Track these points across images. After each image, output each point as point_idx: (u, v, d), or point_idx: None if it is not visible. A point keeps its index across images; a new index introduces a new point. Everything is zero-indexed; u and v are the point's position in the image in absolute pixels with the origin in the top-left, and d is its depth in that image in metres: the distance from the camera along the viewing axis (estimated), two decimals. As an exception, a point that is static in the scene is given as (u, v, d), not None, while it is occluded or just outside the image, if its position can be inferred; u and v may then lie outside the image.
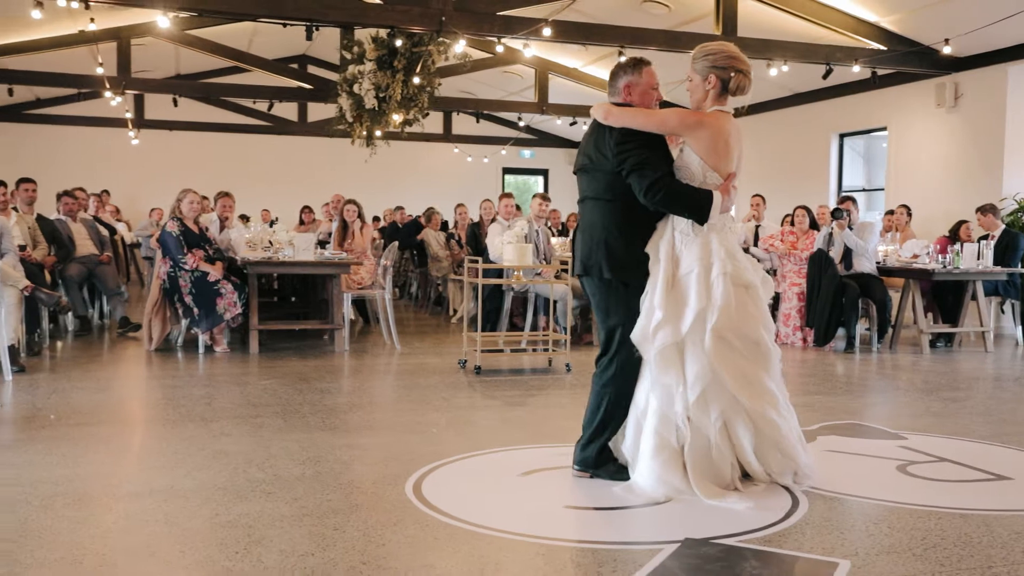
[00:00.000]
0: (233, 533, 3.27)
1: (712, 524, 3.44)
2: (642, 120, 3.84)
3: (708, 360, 3.67)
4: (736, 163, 3.87)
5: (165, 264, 7.95)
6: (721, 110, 3.88)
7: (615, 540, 3.30)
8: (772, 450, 3.80)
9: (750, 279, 3.80)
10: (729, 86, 3.85)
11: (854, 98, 12.69)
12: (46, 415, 5.23)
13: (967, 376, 7.36)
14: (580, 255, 4.05)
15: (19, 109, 17.83)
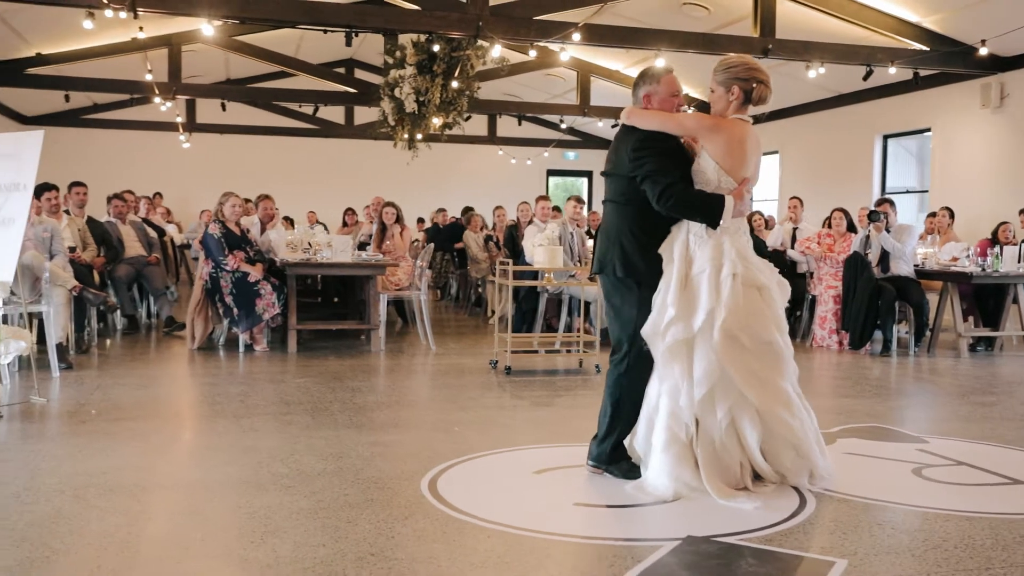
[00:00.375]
0: (252, 524, 3.42)
1: (716, 522, 3.51)
2: (660, 122, 3.96)
3: (717, 359, 3.74)
4: (752, 169, 3.93)
5: (207, 265, 8.20)
6: (741, 118, 3.95)
7: (618, 537, 3.39)
8: (786, 449, 3.86)
9: (763, 281, 3.86)
10: (752, 96, 3.93)
11: (897, 99, 12.54)
12: (88, 410, 5.46)
13: (1002, 380, 7.27)
14: (597, 254, 4.21)
15: (78, 114, 18.38)
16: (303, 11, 9.02)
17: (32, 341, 5.65)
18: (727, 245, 3.83)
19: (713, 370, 3.75)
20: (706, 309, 3.77)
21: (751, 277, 3.83)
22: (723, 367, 3.74)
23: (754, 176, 3.98)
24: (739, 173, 3.88)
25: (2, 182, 5.49)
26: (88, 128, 18.54)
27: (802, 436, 3.86)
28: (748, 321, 3.78)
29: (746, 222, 4.07)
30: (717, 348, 3.74)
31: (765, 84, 3.92)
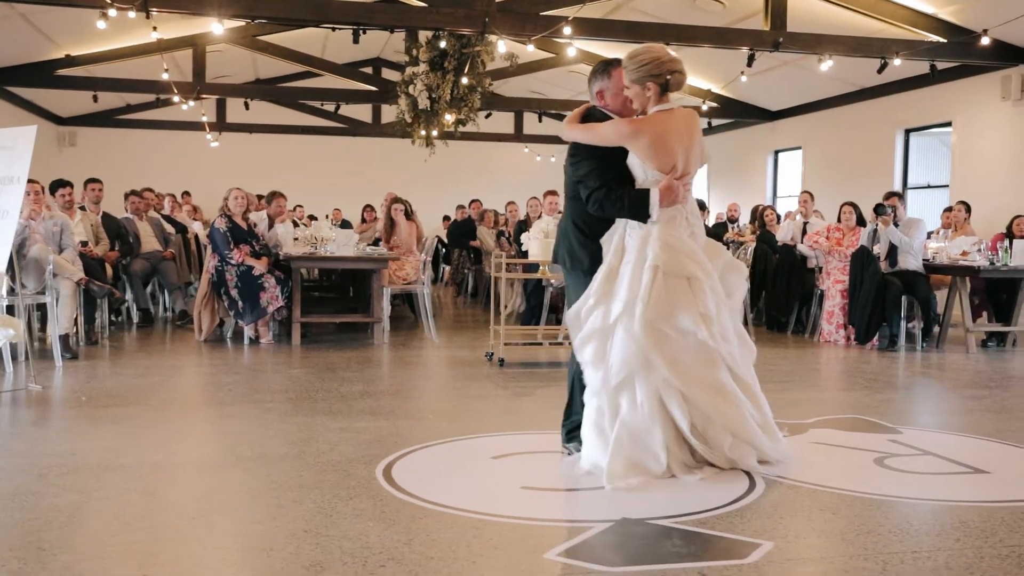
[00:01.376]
0: (198, 503, 3.52)
1: (656, 506, 3.53)
2: (584, 135, 4.07)
3: (639, 348, 3.76)
4: (682, 159, 3.93)
5: (213, 259, 8.36)
6: (663, 109, 3.96)
7: (555, 518, 3.43)
8: (723, 434, 3.86)
9: (692, 271, 3.85)
10: (668, 87, 3.95)
11: (918, 93, 12.36)
12: (79, 397, 5.62)
13: (1002, 375, 7.16)
14: (554, 246, 4.32)
15: (111, 115, 18.80)
16: (311, 9, 9.15)
17: (23, 330, 5.81)
18: (654, 236, 3.85)
19: (631, 359, 3.77)
20: (623, 300, 3.82)
21: (678, 268, 3.83)
22: (646, 355, 3.76)
23: (689, 163, 3.97)
24: (665, 166, 3.90)
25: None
26: (121, 128, 18.96)
27: (739, 422, 3.86)
28: (671, 311, 3.79)
29: (691, 211, 4.03)
30: (639, 337, 3.76)
31: (680, 72, 3.94)
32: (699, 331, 3.79)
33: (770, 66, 13.11)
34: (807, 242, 9.59)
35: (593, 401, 3.95)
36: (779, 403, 5.74)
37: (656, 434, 3.80)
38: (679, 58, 3.96)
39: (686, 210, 3.96)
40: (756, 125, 16.59)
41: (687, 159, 3.95)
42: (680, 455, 3.85)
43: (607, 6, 12.21)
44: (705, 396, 3.79)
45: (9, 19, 11.54)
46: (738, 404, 3.87)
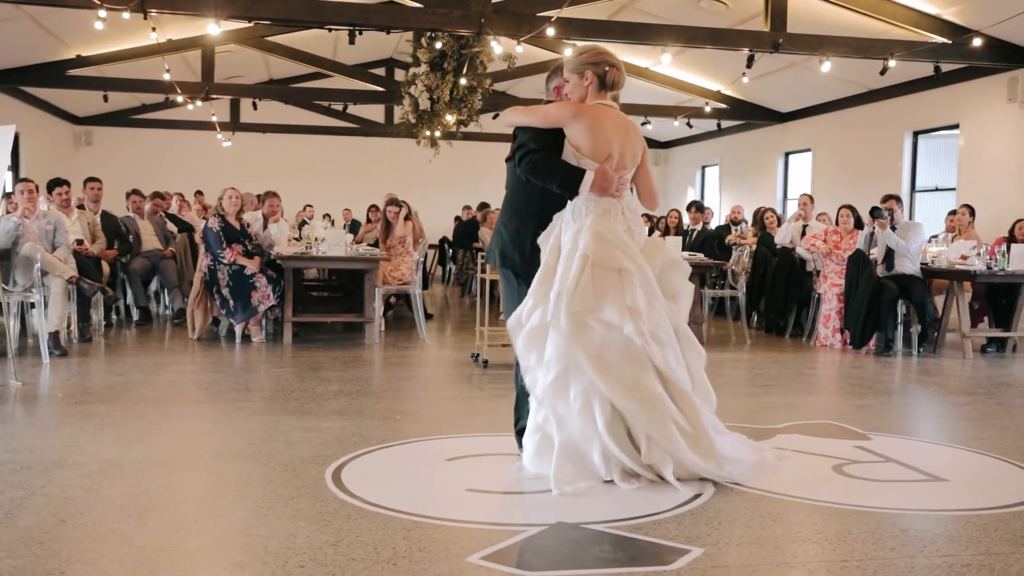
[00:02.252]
0: (139, 501, 3.53)
1: (597, 509, 3.51)
2: (527, 117, 4.05)
3: (567, 343, 3.72)
4: (616, 150, 3.89)
5: (206, 258, 8.42)
6: (602, 103, 3.95)
7: (489, 521, 3.40)
8: (641, 437, 3.78)
9: (622, 263, 3.79)
10: (606, 80, 3.95)
11: (926, 94, 12.21)
12: (55, 394, 5.68)
13: (993, 382, 7.05)
14: (489, 245, 4.40)
15: (126, 114, 19.00)
16: (307, 10, 9.19)
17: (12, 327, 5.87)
18: (587, 227, 3.81)
19: (562, 354, 3.73)
20: (556, 291, 3.78)
21: (608, 259, 3.76)
22: (573, 352, 3.72)
23: (622, 159, 3.93)
24: (600, 155, 3.87)
25: (-21, 174, 5.75)
26: (135, 128, 19.15)
27: (657, 426, 3.74)
28: (597, 302, 3.74)
29: (628, 207, 3.95)
30: (566, 332, 3.72)
31: (617, 67, 3.96)
32: (625, 325, 3.70)
33: (779, 67, 13.02)
34: (804, 244, 9.50)
35: (539, 407, 3.90)
36: (755, 407, 5.73)
37: (592, 438, 3.76)
38: (618, 59, 3.97)
39: (622, 204, 3.90)
40: (766, 127, 16.47)
41: (622, 154, 3.91)
42: (618, 461, 3.80)
43: (611, 7, 12.19)
44: (625, 396, 3.69)
45: (17, 20, 11.67)
46: (659, 408, 3.73)
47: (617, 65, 3.93)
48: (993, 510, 3.64)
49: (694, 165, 19.90)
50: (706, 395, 4.06)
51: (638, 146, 4.01)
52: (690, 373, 3.98)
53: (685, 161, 20.43)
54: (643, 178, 4.11)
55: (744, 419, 5.36)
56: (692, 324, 8.83)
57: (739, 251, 10.09)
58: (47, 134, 17.44)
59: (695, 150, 19.68)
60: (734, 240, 11.14)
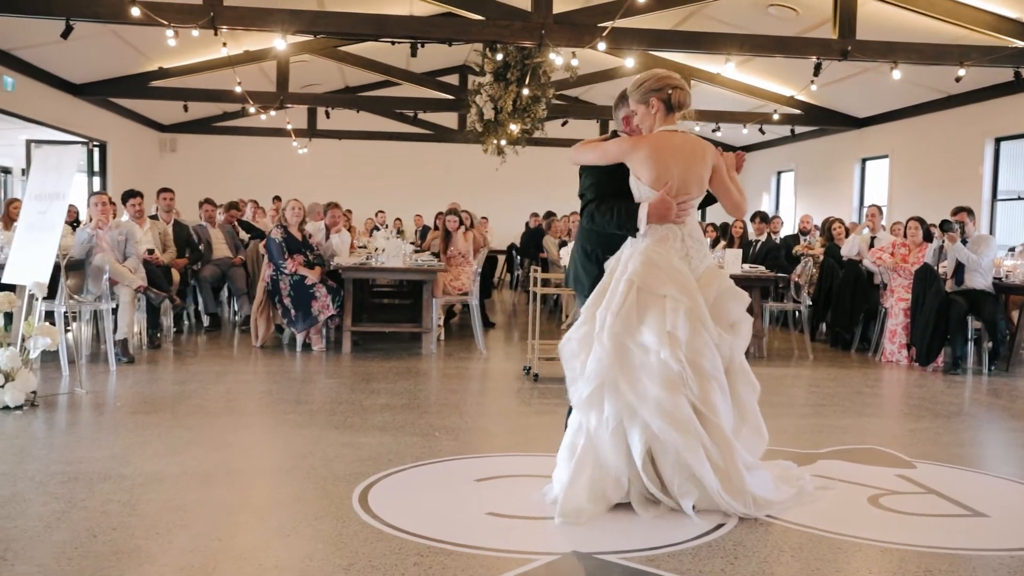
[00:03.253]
0: (170, 517, 3.66)
1: (613, 539, 3.50)
2: (591, 155, 4.11)
3: (608, 360, 3.73)
4: (679, 176, 3.87)
5: (269, 268, 8.64)
6: (666, 130, 3.93)
7: (503, 548, 3.42)
8: (667, 464, 3.76)
9: (667, 289, 3.78)
10: (672, 103, 3.92)
11: (1008, 100, 11.79)
12: (114, 403, 5.92)
13: (1062, 405, 6.77)
14: (566, 268, 4.59)
15: (208, 122, 19.61)
16: (370, 24, 9.36)
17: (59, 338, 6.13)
18: (639, 251, 3.86)
19: (603, 369, 3.74)
20: (602, 312, 3.81)
21: (654, 283, 3.78)
22: (613, 371, 3.73)
23: (688, 184, 3.90)
24: (660, 183, 3.86)
25: (46, 191, 6.03)
26: (217, 135, 19.74)
27: (687, 452, 3.72)
28: (637, 325, 3.76)
29: (689, 234, 3.93)
30: (608, 350, 3.74)
31: (680, 88, 3.95)
32: (661, 350, 3.70)
33: (854, 72, 12.72)
34: (871, 257, 9.26)
35: (575, 417, 3.94)
36: (802, 429, 5.64)
37: (620, 457, 3.75)
38: (680, 78, 3.96)
39: (683, 231, 3.90)
40: (842, 132, 16.09)
41: (685, 180, 3.89)
42: (639, 486, 3.79)
43: (679, 14, 12.09)
44: (660, 418, 3.68)
45: (104, 36, 12.18)
46: (692, 435, 3.70)
47: (680, 86, 3.93)
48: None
49: (769, 171, 19.55)
50: (756, 430, 4.04)
51: (704, 169, 3.96)
52: (742, 406, 3.97)
53: (760, 167, 20.07)
54: (722, 190, 4.09)
55: (788, 442, 5.27)
56: (754, 337, 8.75)
57: (804, 262, 9.88)
58: (134, 142, 18.11)
59: (770, 155, 19.33)
60: (801, 251, 10.92)
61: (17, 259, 6.16)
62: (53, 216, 5.88)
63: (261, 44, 13.83)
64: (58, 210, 5.89)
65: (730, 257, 8.97)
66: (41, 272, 5.88)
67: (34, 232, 6.12)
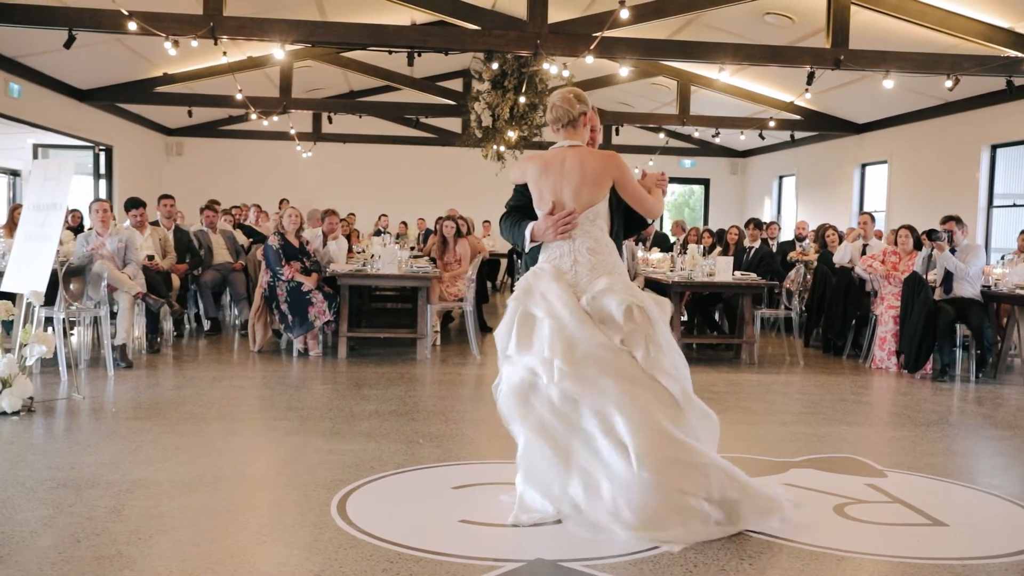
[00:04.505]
0: (152, 523, 3.80)
1: (576, 547, 3.61)
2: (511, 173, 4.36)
3: (507, 388, 4.02)
4: (550, 192, 4.00)
5: (266, 274, 8.79)
6: (559, 146, 4.11)
7: (471, 555, 3.54)
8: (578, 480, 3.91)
9: (533, 312, 3.91)
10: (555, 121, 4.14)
11: (1004, 107, 11.84)
12: (109, 408, 6.07)
13: (1043, 413, 6.86)
14: None
15: (214, 126, 19.78)
16: (367, 34, 9.49)
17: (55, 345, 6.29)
18: (533, 269, 4.06)
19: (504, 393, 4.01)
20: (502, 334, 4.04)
21: (529, 303, 3.94)
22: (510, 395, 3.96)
23: (561, 202, 3.98)
24: (541, 202, 4.06)
25: (44, 201, 6.18)
26: (223, 138, 19.90)
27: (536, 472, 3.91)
28: (517, 346, 3.93)
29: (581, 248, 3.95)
30: (507, 376, 3.99)
31: (554, 105, 4.12)
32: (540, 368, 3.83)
33: (853, 79, 12.78)
34: (862, 265, 9.35)
35: None
36: (781, 437, 5.74)
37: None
38: (566, 96, 4.07)
39: (572, 247, 3.95)
40: (843, 138, 16.17)
41: (559, 195, 3.98)
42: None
43: (676, 23, 12.18)
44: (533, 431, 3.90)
45: (108, 43, 12.34)
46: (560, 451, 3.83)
47: (554, 104, 4.09)
48: (982, 560, 3.62)
49: (771, 175, 19.63)
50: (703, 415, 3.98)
51: (592, 184, 3.96)
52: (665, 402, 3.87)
53: (762, 171, 20.17)
54: (630, 199, 4.10)
55: (766, 450, 5.38)
56: (745, 344, 8.84)
57: (796, 269, 9.98)
58: (140, 146, 18.30)
59: (772, 160, 19.41)
60: (796, 257, 11.02)
61: (16, 268, 6.32)
62: (51, 227, 6.04)
63: (264, 50, 13.97)
64: (56, 220, 6.04)
65: (721, 264, 9.08)
66: (38, 281, 6.03)
67: (32, 242, 6.28)
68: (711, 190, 21.27)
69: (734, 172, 21.17)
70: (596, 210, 3.99)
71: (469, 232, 11.14)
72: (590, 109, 4.13)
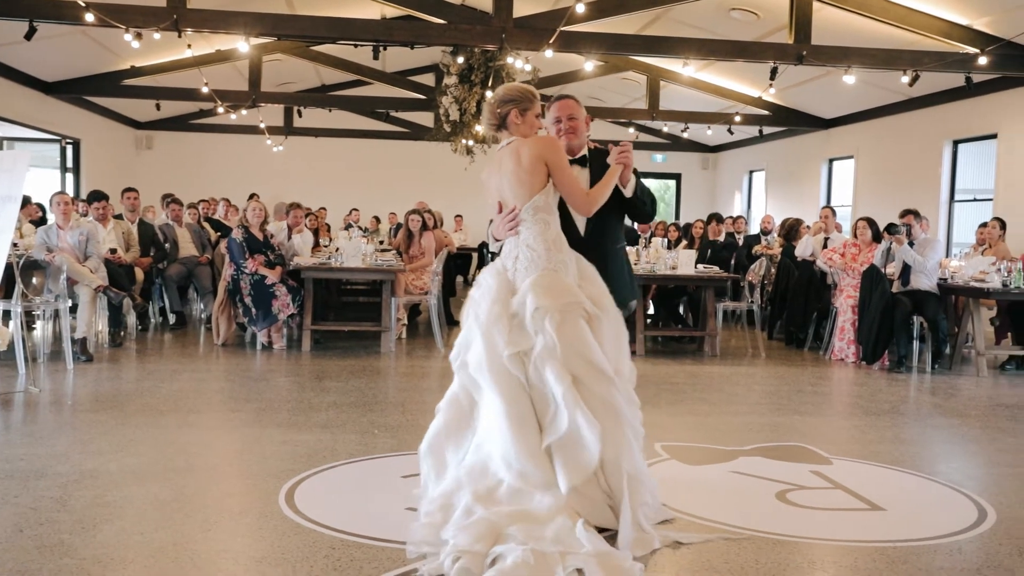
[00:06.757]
0: (97, 512, 3.81)
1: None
2: None
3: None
4: (496, 191, 4.02)
5: (230, 267, 8.78)
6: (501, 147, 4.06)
7: (411, 541, 3.59)
8: None
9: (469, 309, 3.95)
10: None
11: (964, 103, 12.01)
12: (65, 401, 6.06)
13: (992, 403, 6.98)
14: None
15: (185, 119, 19.67)
16: (332, 28, 9.50)
17: (9, 338, 6.28)
18: (484, 269, 4.08)
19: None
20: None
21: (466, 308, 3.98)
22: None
23: (505, 196, 3.98)
24: (493, 205, 4.08)
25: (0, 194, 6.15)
26: (194, 132, 19.81)
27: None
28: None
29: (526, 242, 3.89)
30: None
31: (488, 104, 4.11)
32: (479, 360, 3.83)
33: (820, 74, 12.90)
34: (823, 258, 9.47)
35: None
36: (734, 427, 5.83)
37: None
38: (489, 101, 4.07)
39: (518, 242, 3.92)
40: (810, 133, 16.32)
41: (502, 193, 3.99)
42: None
43: (644, 18, 12.25)
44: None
45: (72, 35, 12.25)
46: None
47: (489, 102, 4.09)
48: (911, 542, 3.71)
49: (741, 170, 19.77)
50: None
51: (514, 177, 3.90)
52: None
53: (733, 166, 20.32)
54: (559, 186, 3.93)
55: (718, 439, 5.46)
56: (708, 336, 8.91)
57: (760, 262, 10.08)
58: (109, 139, 18.18)
59: (742, 155, 19.56)
60: (760, 251, 11.13)
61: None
62: (4, 220, 6.01)
63: (231, 43, 13.91)
64: (10, 213, 6.02)
65: (683, 257, 9.16)
66: (-7, 275, 6.01)
67: (-13, 234, 6.24)
68: (683, 185, 21.40)
69: (705, 167, 21.31)
70: (535, 203, 3.87)
71: (436, 226, 11.18)
72: (522, 102, 3.95)
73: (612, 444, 3.65)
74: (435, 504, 3.71)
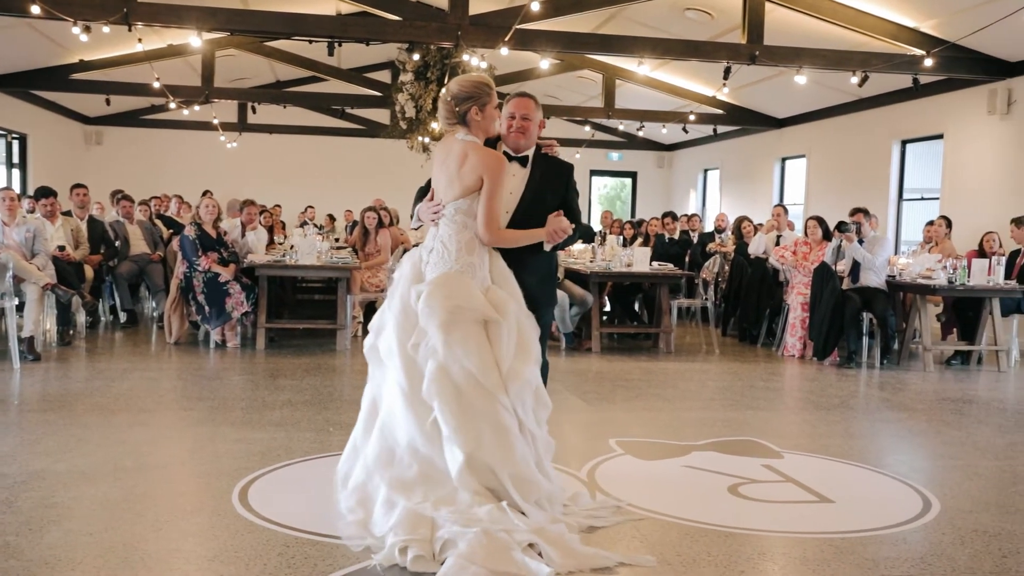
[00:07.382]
0: (44, 513, 3.75)
1: (474, 529, 3.68)
2: None
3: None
4: (435, 177, 4.06)
5: (183, 265, 8.67)
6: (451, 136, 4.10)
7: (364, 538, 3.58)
8: None
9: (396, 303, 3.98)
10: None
11: (912, 104, 12.27)
12: (11, 401, 5.95)
13: (938, 397, 7.14)
14: None
15: (136, 115, 19.38)
16: (286, 23, 9.42)
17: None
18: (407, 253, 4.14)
19: None
20: None
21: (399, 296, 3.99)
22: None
23: (436, 187, 4.04)
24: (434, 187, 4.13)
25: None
26: (145, 128, 19.54)
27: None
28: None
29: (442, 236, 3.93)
30: None
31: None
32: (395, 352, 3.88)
33: (772, 74, 13.06)
34: (775, 256, 9.61)
35: None
36: (686, 423, 5.89)
37: None
38: (443, 97, 4.04)
39: (437, 233, 3.98)
40: (763, 132, 16.53)
41: (437, 182, 4.04)
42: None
43: (599, 16, 12.32)
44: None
45: (18, 27, 11.99)
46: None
47: (444, 98, 4.06)
48: (858, 533, 3.78)
49: (697, 168, 19.97)
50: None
51: (451, 174, 3.91)
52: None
53: (688, 164, 20.51)
54: (481, 210, 3.88)
55: (671, 435, 5.52)
56: (662, 333, 9.00)
57: (713, 260, 10.20)
58: (57, 134, 17.85)
59: (697, 153, 19.75)
60: (714, 248, 11.25)
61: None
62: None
63: (183, 38, 13.72)
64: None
65: (638, 255, 9.23)
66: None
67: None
68: (638, 183, 21.56)
69: (660, 165, 21.48)
70: (459, 205, 3.87)
71: (392, 223, 11.15)
72: (480, 97, 3.91)
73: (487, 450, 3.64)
74: (353, 499, 3.78)
